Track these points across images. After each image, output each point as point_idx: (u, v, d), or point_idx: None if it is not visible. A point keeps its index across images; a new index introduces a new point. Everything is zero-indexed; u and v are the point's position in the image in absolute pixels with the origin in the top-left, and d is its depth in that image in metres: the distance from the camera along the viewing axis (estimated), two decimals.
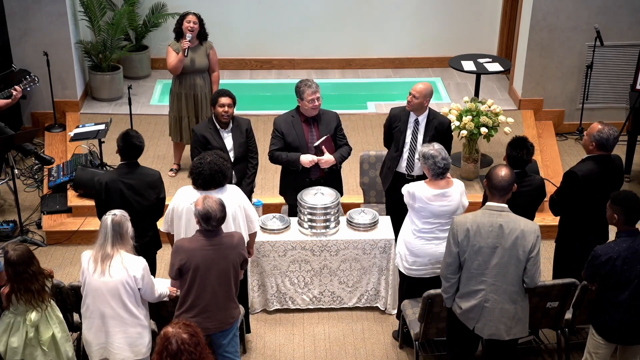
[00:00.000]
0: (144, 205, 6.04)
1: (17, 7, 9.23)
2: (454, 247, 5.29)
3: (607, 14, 9.40)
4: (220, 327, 5.41)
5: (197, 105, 8.22)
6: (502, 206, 5.28)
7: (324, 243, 6.68)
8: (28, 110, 9.68)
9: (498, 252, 5.21)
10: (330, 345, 6.58)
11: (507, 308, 5.29)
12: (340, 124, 6.96)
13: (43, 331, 5.38)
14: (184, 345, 4.10)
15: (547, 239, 7.81)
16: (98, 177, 6.13)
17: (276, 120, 6.90)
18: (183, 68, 8.09)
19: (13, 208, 8.06)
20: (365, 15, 10.87)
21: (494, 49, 10.99)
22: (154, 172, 6.21)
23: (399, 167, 6.90)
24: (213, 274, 5.26)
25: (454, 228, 5.30)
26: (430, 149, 5.95)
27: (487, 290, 5.28)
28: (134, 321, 5.26)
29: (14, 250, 5.21)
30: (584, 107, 9.70)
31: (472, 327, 5.38)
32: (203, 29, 8.16)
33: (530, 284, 5.28)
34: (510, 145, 5.98)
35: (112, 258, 5.17)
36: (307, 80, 6.75)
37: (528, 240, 5.17)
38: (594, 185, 5.97)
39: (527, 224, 5.23)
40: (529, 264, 5.20)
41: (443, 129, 6.85)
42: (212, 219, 5.19)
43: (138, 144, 6.02)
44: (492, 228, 5.20)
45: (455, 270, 5.35)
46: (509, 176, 5.26)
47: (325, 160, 6.74)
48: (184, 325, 4.17)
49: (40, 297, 5.30)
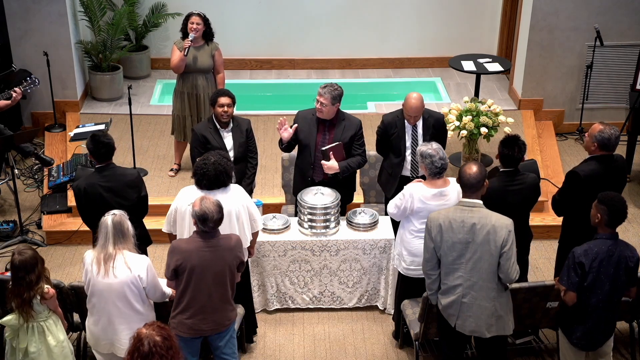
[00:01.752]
0: (125, 206, 5.90)
1: (17, 7, 9.23)
2: (430, 242, 5.36)
3: (607, 14, 9.40)
4: (216, 329, 5.40)
5: (199, 105, 8.22)
6: (474, 202, 5.30)
7: (324, 243, 6.68)
8: (28, 110, 9.68)
9: (471, 247, 5.24)
10: (330, 345, 6.59)
11: (485, 305, 5.31)
12: (360, 133, 6.79)
13: (21, 340, 5.34)
14: (156, 348, 4.06)
15: (547, 239, 7.83)
16: (76, 183, 6.08)
17: (298, 113, 6.88)
18: (186, 67, 8.09)
19: (13, 208, 8.06)
20: (365, 15, 10.87)
21: (494, 49, 10.99)
22: (131, 171, 6.20)
23: (404, 172, 6.88)
24: (209, 276, 5.25)
25: (428, 224, 5.36)
26: (428, 148, 5.95)
27: (464, 285, 5.31)
28: (140, 317, 5.28)
29: (20, 255, 5.19)
30: (584, 107, 9.70)
31: (454, 324, 5.40)
32: (209, 28, 8.15)
33: (506, 279, 5.28)
34: (502, 143, 6.00)
35: (115, 258, 5.17)
36: (330, 84, 6.67)
37: (499, 235, 5.18)
38: (596, 185, 5.96)
39: (499, 219, 5.24)
40: (502, 259, 5.21)
41: (440, 125, 6.88)
42: (209, 220, 5.18)
43: (106, 141, 5.98)
44: (463, 224, 5.24)
45: (434, 266, 5.40)
46: (478, 173, 5.27)
47: (328, 165, 6.66)
48: (157, 328, 4.13)
49: (25, 308, 5.23)
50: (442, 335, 5.68)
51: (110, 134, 6.20)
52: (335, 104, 6.65)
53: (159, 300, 5.45)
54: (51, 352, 5.39)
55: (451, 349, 5.64)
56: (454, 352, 5.64)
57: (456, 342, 5.59)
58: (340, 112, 6.78)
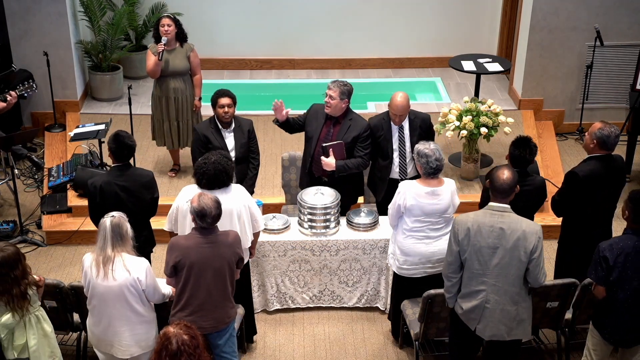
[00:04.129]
0: (139, 206, 6.03)
1: (17, 7, 9.23)
2: (455, 245, 5.29)
3: (607, 14, 9.40)
4: (216, 327, 5.39)
5: (178, 108, 8.15)
6: (504, 207, 5.26)
7: (324, 243, 6.68)
8: (28, 110, 9.68)
9: (499, 252, 5.20)
10: (330, 345, 6.59)
11: (508, 309, 5.28)
12: (365, 136, 6.73)
13: (17, 337, 5.29)
14: (184, 347, 4.10)
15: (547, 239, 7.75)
16: (92, 180, 6.08)
17: (313, 105, 6.89)
18: (161, 71, 8.03)
19: (13, 208, 8.06)
20: (365, 15, 10.87)
21: (494, 49, 10.99)
22: (147, 172, 6.21)
23: (392, 174, 6.87)
24: (208, 272, 5.24)
25: (455, 227, 5.30)
26: (425, 147, 5.94)
27: (488, 290, 5.27)
28: (140, 319, 5.29)
29: (2, 251, 5.10)
30: (584, 107, 9.70)
31: (474, 328, 5.37)
32: (181, 30, 8.05)
33: (535, 284, 5.27)
34: (514, 144, 5.98)
35: (114, 260, 5.16)
36: (341, 80, 6.72)
37: (529, 242, 5.16)
38: (595, 185, 5.97)
39: (529, 225, 5.21)
40: (532, 265, 5.18)
41: (426, 126, 6.88)
42: (207, 216, 5.18)
43: (130, 143, 6.01)
44: (492, 228, 5.20)
45: (456, 270, 5.35)
46: (511, 178, 5.24)
47: (325, 162, 6.66)
48: (185, 327, 4.19)
49: (18, 303, 5.16)
50: (455, 337, 5.62)
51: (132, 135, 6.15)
52: (344, 99, 6.65)
53: (158, 301, 5.44)
54: (49, 338, 5.38)
55: (463, 351, 5.61)
56: (466, 355, 5.61)
57: (470, 346, 5.56)
58: (349, 111, 6.77)
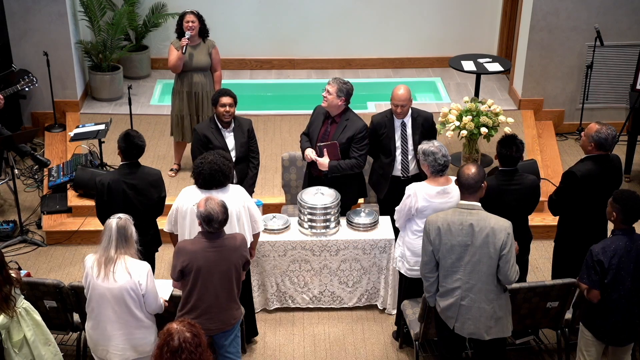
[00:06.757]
0: (146, 205, 6.06)
1: (17, 7, 9.23)
2: (428, 245, 5.35)
3: (607, 14, 9.40)
4: (222, 328, 5.42)
5: (198, 103, 8.23)
6: (473, 204, 5.29)
7: (324, 243, 6.68)
8: (28, 110, 9.68)
9: (470, 250, 5.23)
10: (330, 345, 6.59)
11: (484, 307, 5.30)
12: (360, 137, 6.67)
13: (14, 334, 5.29)
14: (186, 344, 4.10)
15: (547, 239, 7.82)
16: (100, 178, 6.11)
17: (317, 107, 6.91)
18: (184, 66, 8.11)
19: (13, 208, 8.06)
20: (365, 15, 10.87)
21: (494, 49, 10.99)
22: (155, 171, 6.23)
23: (394, 172, 6.87)
24: (215, 276, 5.25)
25: (427, 227, 5.36)
26: (430, 145, 5.95)
27: (462, 288, 5.31)
28: (139, 324, 5.26)
29: None
30: (584, 107, 9.70)
31: (452, 326, 5.40)
32: (204, 26, 8.18)
33: (505, 281, 5.29)
34: (500, 143, 6.01)
35: (116, 262, 5.14)
36: (342, 78, 6.74)
37: (498, 238, 5.18)
38: (592, 185, 5.97)
39: (498, 221, 5.23)
40: (501, 261, 5.20)
41: (429, 124, 6.88)
42: (214, 220, 5.18)
43: (140, 143, 6.04)
44: (462, 226, 5.23)
45: (432, 269, 5.40)
46: (476, 174, 5.26)
47: (319, 161, 6.68)
48: (188, 324, 4.18)
49: (6, 305, 5.18)
50: (440, 336, 5.68)
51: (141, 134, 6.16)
52: (341, 97, 6.65)
53: (155, 311, 5.36)
54: (41, 327, 5.40)
55: (449, 350, 5.64)
56: (451, 353, 5.65)
57: (454, 344, 5.59)
58: (348, 111, 6.77)
